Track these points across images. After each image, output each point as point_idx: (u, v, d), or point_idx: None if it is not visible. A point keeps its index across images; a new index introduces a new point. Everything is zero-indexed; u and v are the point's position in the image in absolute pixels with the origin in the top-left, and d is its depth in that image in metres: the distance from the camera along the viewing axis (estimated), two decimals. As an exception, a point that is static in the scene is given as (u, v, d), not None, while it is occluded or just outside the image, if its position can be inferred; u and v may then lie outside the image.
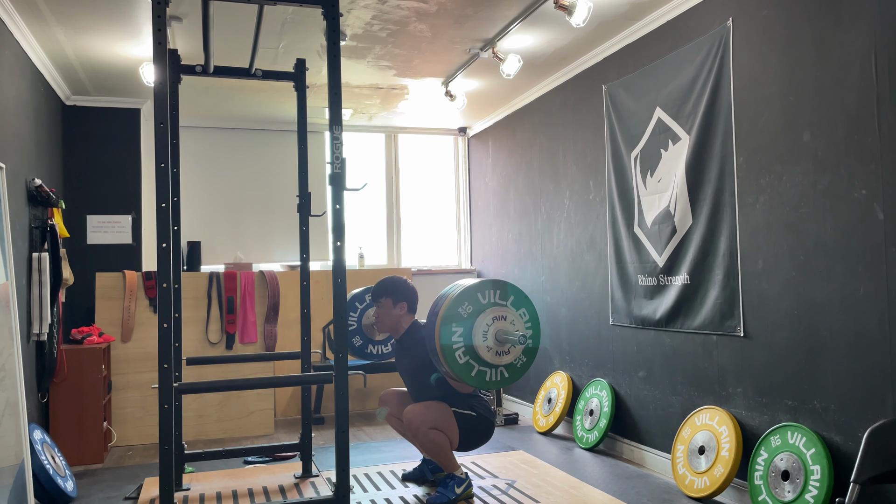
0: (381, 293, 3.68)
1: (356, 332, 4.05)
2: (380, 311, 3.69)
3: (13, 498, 2.97)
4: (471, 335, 3.17)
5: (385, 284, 3.70)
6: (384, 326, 3.72)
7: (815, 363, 2.97)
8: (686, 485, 3.50)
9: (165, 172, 2.56)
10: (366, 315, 4.06)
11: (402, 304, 3.68)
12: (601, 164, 4.52)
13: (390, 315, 3.68)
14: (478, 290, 3.22)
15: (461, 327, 3.16)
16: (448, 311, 3.14)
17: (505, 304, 3.25)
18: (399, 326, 3.70)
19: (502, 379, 3.27)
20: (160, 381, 2.52)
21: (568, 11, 3.65)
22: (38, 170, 4.34)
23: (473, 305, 3.19)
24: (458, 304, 3.16)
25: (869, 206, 2.72)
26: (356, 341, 4.06)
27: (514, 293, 3.27)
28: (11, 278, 3.30)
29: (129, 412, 4.92)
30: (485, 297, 3.22)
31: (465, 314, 3.18)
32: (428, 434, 3.38)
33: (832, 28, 2.87)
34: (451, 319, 3.14)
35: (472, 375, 3.20)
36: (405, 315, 3.70)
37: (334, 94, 2.76)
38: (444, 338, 3.13)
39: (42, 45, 4.18)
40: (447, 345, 3.14)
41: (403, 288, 3.69)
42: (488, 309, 3.20)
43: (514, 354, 3.24)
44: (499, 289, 3.25)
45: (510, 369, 3.27)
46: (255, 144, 6.25)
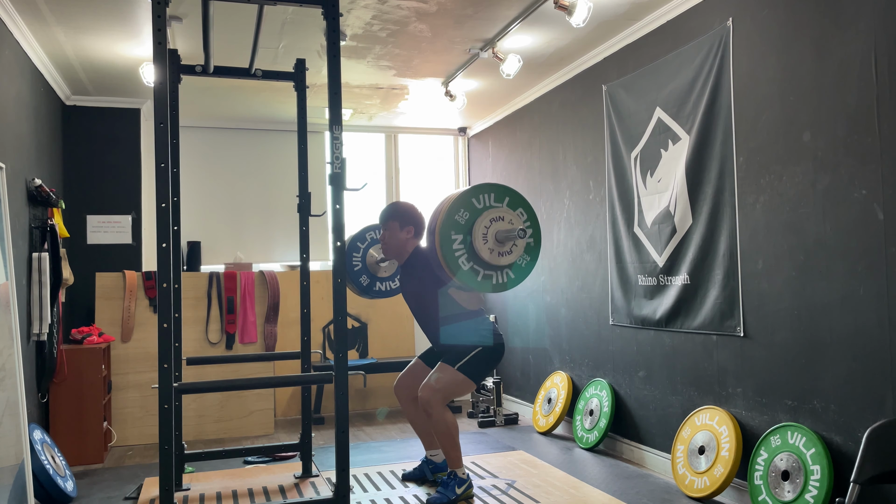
0: (389, 216, 3.68)
1: (362, 271, 4.05)
2: (386, 234, 3.68)
3: (13, 498, 2.97)
4: (471, 239, 3.14)
5: (393, 208, 3.70)
6: (390, 251, 3.70)
7: (815, 363, 2.97)
8: (686, 485, 3.50)
9: (165, 172, 2.56)
10: (369, 254, 4.06)
11: (410, 227, 3.66)
12: (601, 164, 4.52)
13: (397, 238, 3.66)
14: (472, 195, 3.17)
15: (461, 234, 3.12)
16: (445, 221, 3.10)
17: (501, 205, 3.21)
18: (405, 250, 3.68)
19: (509, 280, 3.23)
20: (160, 381, 2.52)
21: (568, 11, 3.65)
22: (38, 170, 4.34)
23: (469, 211, 3.15)
24: (453, 212, 3.12)
25: (869, 206, 2.72)
26: (363, 281, 4.05)
27: (509, 194, 3.22)
28: (11, 278, 3.30)
29: (129, 412, 4.92)
30: (480, 202, 3.18)
31: (462, 220, 3.13)
32: (443, 416, 3.41)
33: (832, 28, 2.87)
34: (450, 228, 3.10)
35: (479, 281, 3.17)
36: (411, 239, 3.68)
37: (334, 94, 2.76)
38: (445, 247, 3.09)
39: (42, 45, 4.18)
40: (449, 253, 3.10)
41: (411, 212, 3.68)
42: (485, 212, 3.15)
43: (517, 254, 3.20)
44: (493, 191, 3.21)
45: (515, 269, 3.24)
46: (255, 144, 6.25)
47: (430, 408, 3.40)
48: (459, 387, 3.48)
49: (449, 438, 3.44)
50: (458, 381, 3.46)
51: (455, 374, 3.45)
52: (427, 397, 3.41)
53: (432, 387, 3.42)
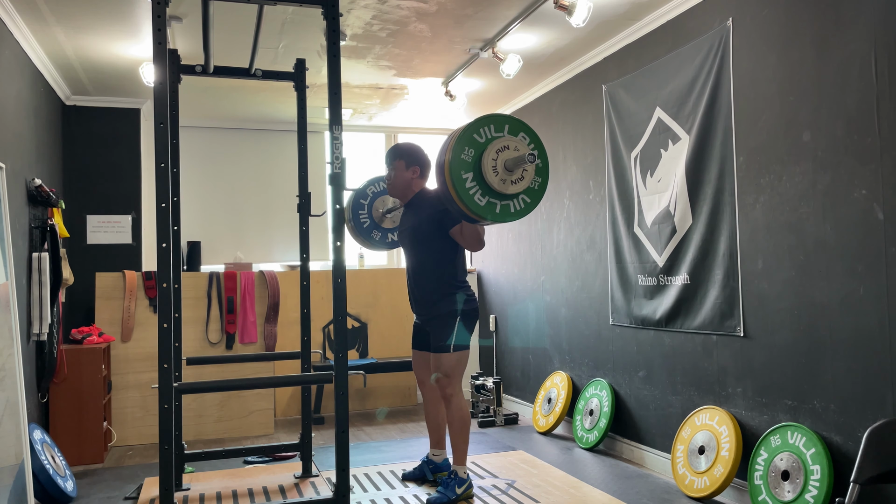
0: (395, 155, 3.71)
1: (372, 227, 4.10)
2: (393, 173, 3.71)
3: (13, 498, 2.98)
4: (482, 174, 3.15)
5: (400, 147, 3.73)
6: (396, 190, 3.73)
7: (814, 363, 2.97)
8: (686, 485, 3.50)
9: (165, 172, 2.56)
10: (373, 208, 4.09)
11: (415, 167, 3.69)
12: (601, 164, 4.52)
13: (402, 177, 3.69)
14: (472, 131, 3.17)
15: (470, 171, 3.13)
16: (453, 162, 3.11)
17: (503, 134, 3.22)
18: (410, 190, 3.71)
19: (526, 206, 3.24)
20: (160, 381, 2.52)
21: (568, 11, 3.65)
22: (38, 170, 4.34)
23: (474, 148, 3.16)
24: (458, 151, 3.12)
25: (869, 206, 2.72)
26: (375, 235, 4.11)
27: (508, 122, 3.23)
28: (11, 278, 3.30)
29: (129, 412, 4.92)
30: (481, 136, 3.18)
31: (469, 158, 3.14)
32: (461, 403, 3.51)
33: (832, 28, 2.87)
34: (459, 168, 3.11)
35: (497, 212, 3.17)
36: (416, 179, 3.71)
37: (334, 94, 2.76)
38: (459, 187, 3.09)
39: (42, 45, 4.18)
40: (464, 192, 3.10)
41: (418, 152, 3.72)
42: (489, 145, 3.17)
43: (529, 178, 3.20)
44: (491, 123, 3.22)
45: (530, 193, 3.24)
46: (255, 144, 6.25)
47: (450, 396, 3.51)
48: (461, 362, 3.55)
49: (462, 431, 3.51)
50: (458, 359, 3.54)
51: (451, 357, 3.51)
52: (444, 385, 3.50)
53: (443, 379, 3.51)
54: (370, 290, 6.04)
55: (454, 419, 3.51)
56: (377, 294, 6.05)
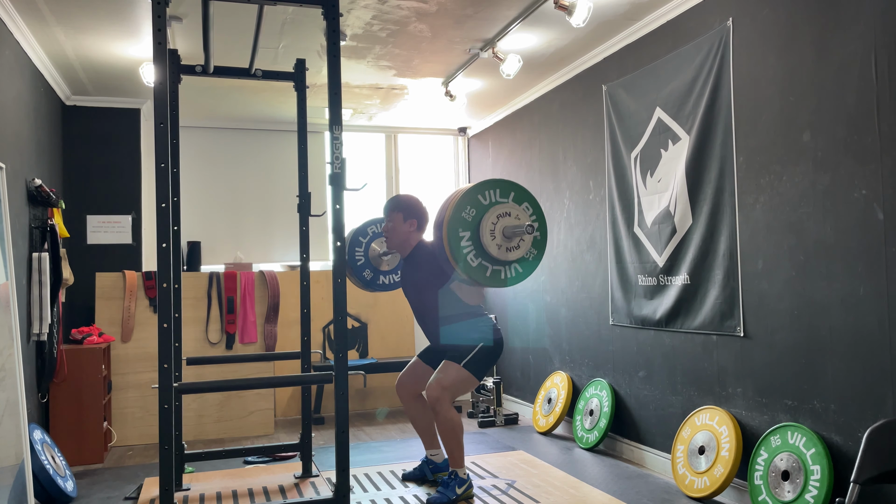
0: (393, 208, 3.68)
1: (365, 265, 4.07)
2: (389, 226, 3.68)
3: (13, 498, 2.97)
4: (479, 236, 3.15)
5: (398, 200, 3.70)
6: (393, 243, 3.70)
7: (815, 363, 2.97)
8: (686, 485, 3.50)
9: (165, 172, 2.56)
10: (371, 248, 4.08)
11: (413, 220, 3.66)
12: (601, 164, 4.52)
13: (400, 231, 3.66)
14: (478, 191, 3.19)
15: (468, 231, 3.14)
16: (453, 218, 3.12)
17: (507, 200, 3.23)
18: (408, 244, 3.69)
19: (517, 274, 3.26)
20: (160, 381, 2.52)
21: (568, 11, 3.65)
22: (38, 170, 4.34)
23: (476, 208, 3.17)
24: (460, 209, 3.14)
25: (869, 206, 2.72)
26: (367, 275, 4.08)
27: (514, 189, 3.24)
28: (11, 278, 3.30)
29: (129, 412, 4.92)
30: (486, 198, 3.20)
31: (469, 217, 3.15)
32: (450, 413, 3.42)
33: (832, 28, 2.87)
34: (457, 225, 3.12)
35: (488, 276, 3.19)
36: (415, 232, 3.68)
37: (334, 94, 2.76)
38: (453, 244, 3.11)
39: (42, 45, 4.18)
40: (458, 250, 3.12)
41: (415, 205, 3.69)
42: (491, 208, 3.18)
43: (525, 248, 3.22)
44: (498, 187, 3.23)
45: (523, 263, 3.26)
46: (255, 144, 6.25)
47: (438, 406, 3.42)
48: (465, 384, 3.49)
49: (454, 438, 3.45)
50: (463, 379, 3.47)
51: (460, 371, 3.45)
52: (436, 396, 3.42)
53: (440, 386, 3.43)
54: (370, 290, 6.04)
55: (444, 430, 3.44)
56: (377, 294, 6.05)
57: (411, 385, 3.78)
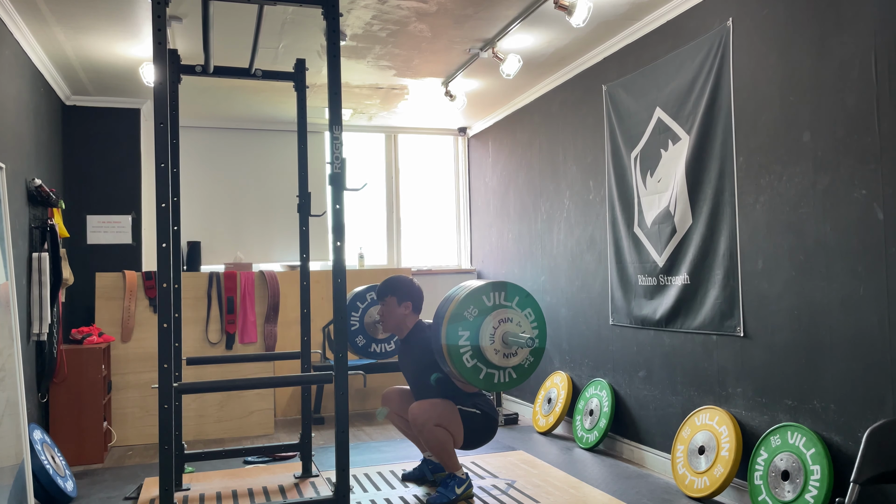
0: (386, 292, 3.68)
1: (359, 331, 4.06)
2: (384, 309, 3.69)
3: (13, 498, 2.97)
4: (478, 338, 3.17)
5: (390, 283, 3.69)
6: (388, 326, 3.71)
7: (815, 363, 2.97)
8: (686, 485, 3.50)
9: (165, 172, 2.56)
10: (368, 314, 4.07)
11: (407, 303, 3.67)
12: (601, 164, 4.52)
13: (394, 314, 3.67)
14: (482, 292, 3.22)
15: (467, 331, 3.16)
16: (454, 315, 3.14)
17: (510, 305, 3.25)
18: (403, 326, 3.69)
19: (510, 380, 3.27)
20: (160, 381, 2.52)
21: (568, 11, 3.65)
22: (38, 170, 4.34)
23: (479, 308, 3.19)
24: (463, 307, 3.16)
25: (869, 206, 2.72)
26: (359, 341, 4.07)
27: (519, 293, 3.27)
28: (11, 278, 3.30)
29: (129, 412, 4.92)
30: (490, 300, 3.22)
31: (470, 317, 3.18)
32: (433, 431, 3.37)
33: (832, 28, 2.87)
34: (458, 323, 3.14)
35: (481, 378, 3.21)
36: (410, 314, 3.69)
37: (334, 94, 2.76)
38: (450, 341, 3.13)
39: (42, 45, 4.18)
40: (454, 348, 3.14)
41: (409, 287, 3.68)
42: (494, 311, 3.20)
43: (522, 356, 3.24)
44: (503, 290, 3.26)
45: (518, 370, 3.27)
46: (255, 144, 6.25)
47: (422, 427, 3.36)
48: (451, 425, 3.40)
49: (443, 450, 3.41)
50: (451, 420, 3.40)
51: (454, 413, 3.41)
52: (421, 420, 3.36)
53: (429, 410, 3.37)
54: (370, 290, 6.04)
55: (433, 446, 3.40)
56: (377, 294, 6.05)
57: (397, 404, 3.79)
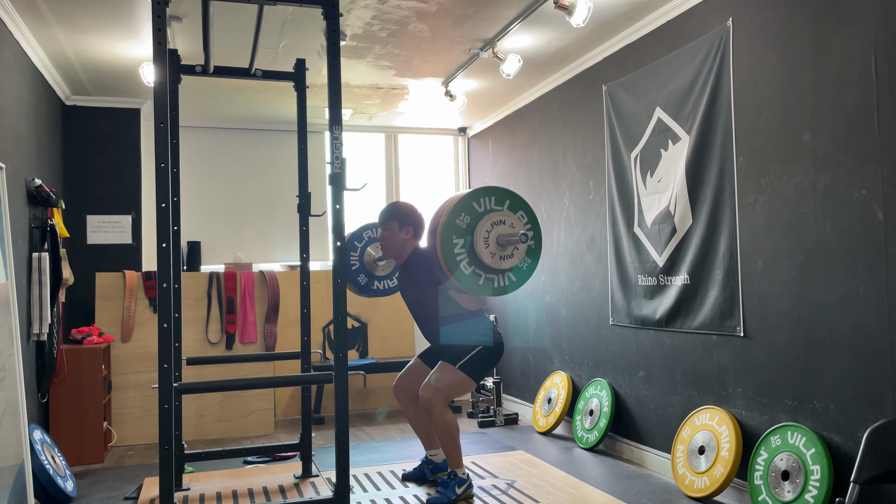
0: (388, 216, 3.67)
1: (359, 270, 4.05)
2: (385, 234, 3.68)
3: (13, 498, 2.98)
4: (472, 244, 3.13)
5: (392, 208, 3.69)
6: (389, 251, 3.70)
7: (815, 363, 2.97)
8: (686, 485, 3.50)
9: (165, 172, 2.56)
10: (366, 252, 4.07)
11: (409, 228, 3.66)
12: (601, 164, 4.52)
13: (396, 239, 3.65)
14: (473, 199, 3.17)
15: (462, 238, 3.12)
16: (446, 225, 3.10)
17: (502, 208, 3.21)
18: (403, 251, 3.68)
19: (510, 283, 3.23)
20: (160, 381, 2.52)
21: (568, 11, 3.65)
22: (38, 170, 4.34)
23: (471, 215, 3.15)
24: (454, 215, 3.12)
25: (869, 206, 2.72)
26: (361, 280, 4.06)
27: (510, 197, 3.22)
28: (11, 278, 3.30)
29: (129, 412, 4.92)
30: (480, 206, 3.18)
31: (463, 224, 3.13)
32: (444, 416, 3.40)
33: (832, 28, 2.87)
34: (451, 232, 3.10)
35: (480, 284, 3.17)
36: (410, 240, 3.67)
37: (334, 94, 2.76)
38: (446, 251, 3.08)
39: (42, 45, 4.18)
40: (451, 257, 3.09)
41: (410, 212, 3.68)
42: (486, 216, 3.15)
43: (518, 257, 3.20)
44: (493, 195, 3.21)
45: (516, 272, 3.24)
46: (255, 144, 6.25)
47: (431, 407, 3.40)
48: (460, 386, 3.48)
49: (450, 438, 3.44)
50: (459, 381, 3.46)
51: (456, 374, 3.45)
52: (428, 397, 3.41)
53: (433, 387, 3.42)
54: (370, 290, 6.04)
55: (440, 432, 3.43)
56: (377, 294, 6.05)
57: (409, 386, 3.78)
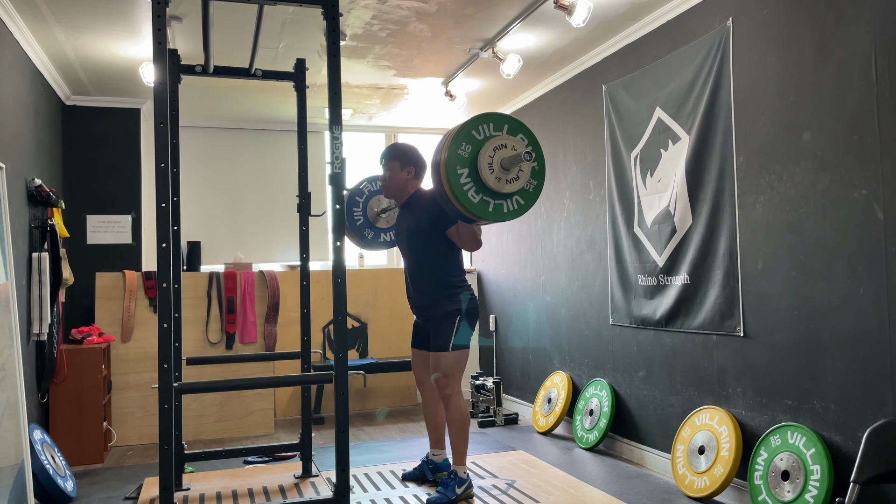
0: (390, 156, 3.69)
1: (364, 224, 4.08)
2: (388, 174, 3.69)
3: (13, 498, 2.98)
4: (477, 171, 3.14)
5: (395, 148, 3.70)
6: (391, 191, 3.71)
7: (815, 363, 2.97)
8: (686, 485, 3.50)
9: (165, 172, 2.56)
10: (368, 206, 4.09)
11: (410, 168, 3.67)
12: (601, 164, 4.52)
13: (397, 179, 3.67)
14: (471, 127, 3.17)
15: (466, 167, 3.14)
16: (449, 156, 3.11)
17: (501, 133, 3.22)
18: (404, 191, 3.69)
19: (519, 207, 3.23)
20: (160, 381, 2.52)
21: (568, 11, 3.65)
22: (38, 170, 4.34)
23: (471, 144, 3.16)
24: (456, 146, 3.12)
25: (869, 206, 2.72)
26: (367, 234, 4.10)
27: (508, 122, 3.23)
28: (11, 278, 3.30)
29: (129, 412, 4.92)
30: (480, 133, 3.18)
31: (465, 154, 3.14)
32: (459, 403, 3.49)
33: (832, 28, 2.87)
34: (455, 162, 3.11)
35: (490, 211, 3.17)
36: (412, 180, 3.69)
37: (334, 94, 2.76)
38: (453, 182, 3.09)
39: (42, 45, 4.18)
40: (458, 188, 3.10)
41: (413, 153, 3.70)
42: (487, 142, 3.16)
43: (524, 179, 3.20)
44: (491, 121, 3.22)
45: (524, 195, 3.24)
46: (255, 144, 6.25)
47: (448, 395, 3.49)
48: (460, 361, 3.54)
49: (461, 430, 3.50)
50: (457, 358, 3.52)
51: (450, 356, 3.50)
52: (443, 385, 3.49)
53: (444, 377, 3.49)
54: (370, 290, 6.04)
55: (453, 420, 3.49)
56: (377, 294, 6.05)
57: (419, 373, 3.83)
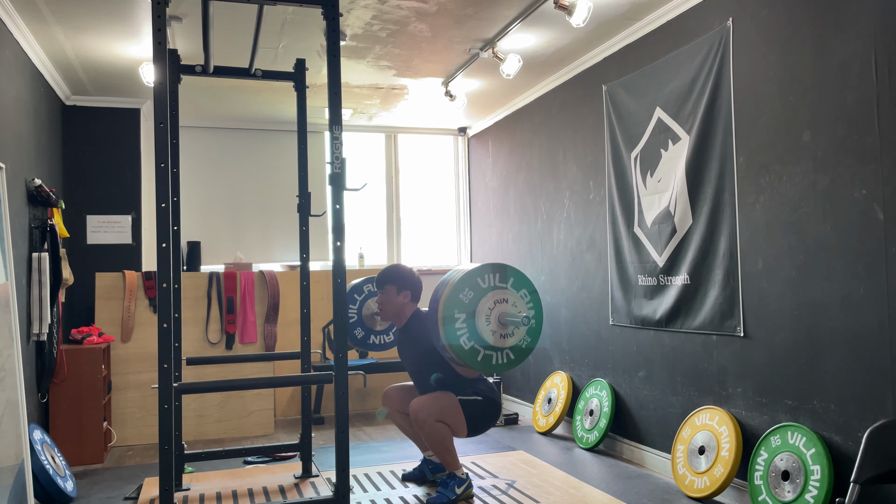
0: (385, 280, 3.68)
1: (357, 323, 4.05)
2: (383, 298, 3.68)
3: (13, 498, 2.98)
4: (474, 320, 3.17)
5: (390, 272, 3.69)
6: (387, 314, 3.71)
7: (815, 363, 2.97)
8: (686, 485, 3.50)
9: (165, 172, 2.56)
10: (366, 306, 4.07)
11: (406, 292, 3.67)
12: (601, 164, 4.52)
13: (394, 303, 3.66)
14: (477, 274, 3.22)
15: (463, 313, 3.16)
16: (449, 298, 3.14)
17: (505, 286, 3.25)
18: (402, 315, 3.69)
19: (508, 361, 3.26)
20: (160, 381, 2.52)
21: (568, 11, 3.65)
22: (38, 170, 4.34)
23: (474, 291, 3.19)
24: (458, 290, 3.16)
25: (869, 206, 2.72)
26: (357, 333, 4.06)
27: (514, 275, 3.26)
28: (11, 278, 3.30)
29: (129, 412, 4.92)
30: (485, 282, 3.22)
31: (466, 300, 3.17)
32: (434, 426, 3.38)
33: (832, 28, 2.87)
34: (454, 306, 3.14)
35: (479, 360, 3.20)
36: (408, 303, 3.69)
37: (334, 94, 2.76)
38: (447, 325, 3.13)
39: (42, 45, 4.18)
40: (451, 331, 3.13)
41: (408, 276, 3.69)
42: (489, 293, 3.20)
43: (519, 336, 3.24)
44: (498, 272, 3.26)
45: (515, 351, 3.27)
46: (255, 144, 6.25)
47: (421, 423, 3.38)
48: (452, 418, 3.41)
49: (443, 446, 3.42)
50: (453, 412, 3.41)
51: (455, 404, 3.41)
52: (418, 411, 3.37)
53: (429, 404, 3.38)
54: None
55: (433, 441, 3.40)
56: (377, 294, 6.05)
57: (399, 399, 3.80)
